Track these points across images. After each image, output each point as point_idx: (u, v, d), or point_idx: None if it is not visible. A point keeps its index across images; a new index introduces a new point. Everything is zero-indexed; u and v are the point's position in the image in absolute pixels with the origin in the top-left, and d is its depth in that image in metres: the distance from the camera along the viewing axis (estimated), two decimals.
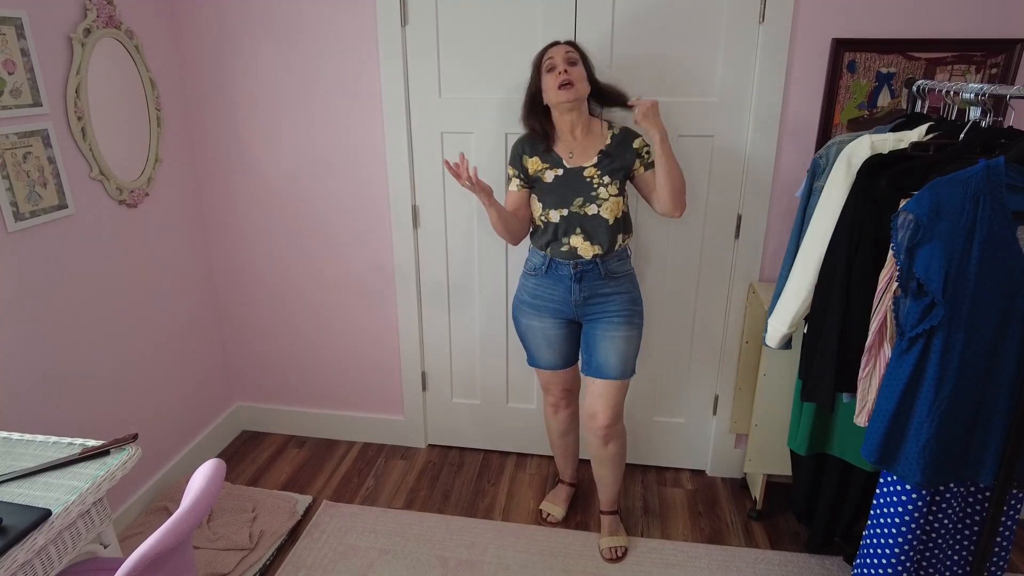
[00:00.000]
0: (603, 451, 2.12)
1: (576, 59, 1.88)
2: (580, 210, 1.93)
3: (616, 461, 2.15)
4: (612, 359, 2.00)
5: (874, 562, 1.61)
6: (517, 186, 2.02)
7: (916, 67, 2.05)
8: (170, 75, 2.42)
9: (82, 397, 2.11)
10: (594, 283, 1.98)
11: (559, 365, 2.15)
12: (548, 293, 2.03)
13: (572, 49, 1.91)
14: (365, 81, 2.36)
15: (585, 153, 1.95)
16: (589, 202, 1.93)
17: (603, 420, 2.04)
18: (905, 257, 1.42)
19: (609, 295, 2.00)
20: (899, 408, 1.47)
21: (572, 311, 2.03)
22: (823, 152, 1.88)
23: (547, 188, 1.96)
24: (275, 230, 2.63)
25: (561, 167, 1.95)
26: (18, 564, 1.16)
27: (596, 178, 1.93)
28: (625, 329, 2.00)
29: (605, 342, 2.00)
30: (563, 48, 1.90)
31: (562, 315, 2.05)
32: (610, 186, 1.93)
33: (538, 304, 2.06)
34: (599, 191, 1.92)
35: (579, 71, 1.87)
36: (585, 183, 1.93)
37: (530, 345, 2.15)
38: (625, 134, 1.97)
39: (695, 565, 2.16)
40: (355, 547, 2.24)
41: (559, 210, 1.94)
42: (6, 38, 1.78)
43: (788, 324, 1.91)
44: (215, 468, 1.29)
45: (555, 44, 1.93)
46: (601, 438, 2.08)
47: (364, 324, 2.70)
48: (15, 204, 1.83)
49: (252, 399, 2.94)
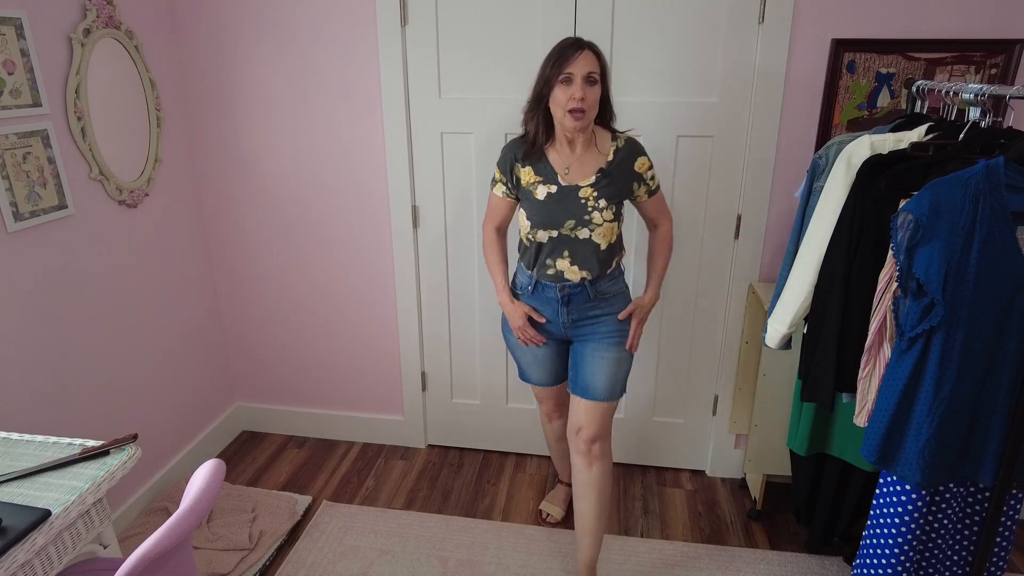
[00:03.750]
0: (587, 474, 1.93)
1: (597, 78, 1.67)
2: (571, 233, 1.79)
3: (601, 490, 1.94)
4: (599, 381, 1.89)
5: (874, 562, 1.61)
6: (503, 193, 1.89)
7: (916, 67, 2.05)
8: (170, 75, 2.42)
9: (82, 397, 2.11)
10: (583, 306, 1.87)
11: (550, 382, 2.09)
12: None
13: (596, 65, 1.66)
14: (365, 81, 2.36)
15: (582, 170, 1.78)
16: (581, 225, 1.78)
17: (587, 434, 1.91)
18: (905, 257, 1.42)
19: (599, 316, 1.89)
20: (899, 408, 1.47)
21: (561, 332, 1.94)
22: (823, 152, 1.88)
23: (537, 205, 1.80)
24: (275, 230, 2.63)
25: (555, 183, 1.78)
26: (18, 564, 1.16)
27: (592, 200, 1.76)
28: (615, 351, 1.89)
29: (594, 364, 1.89)
30: (586, 62, 1.65)
31: (551, 335, 1.97)
32: (605, 211, 1.77)
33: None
34: (593, 215, 1.77)
35: (595, 95, 1.67)
36: (579, 204, 1.77)
37: (520, 362, 2.09)
38: (629, 150, 1.80)
39: (695, 565, 2.16)
40: (355, 547, 2.24)
41: (548, 231, 1.80)
42: (6, 38, 1.78)
43: (788, 324, 1.91)
44: (215, 468, 1.29)
45: (578, 48, 1.65)
46: (584, 455, 1.93)
47: (364, 324, 2.70)
48: (15, 204, 1.83)
49: (252, 399, 2.93)
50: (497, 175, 1.89)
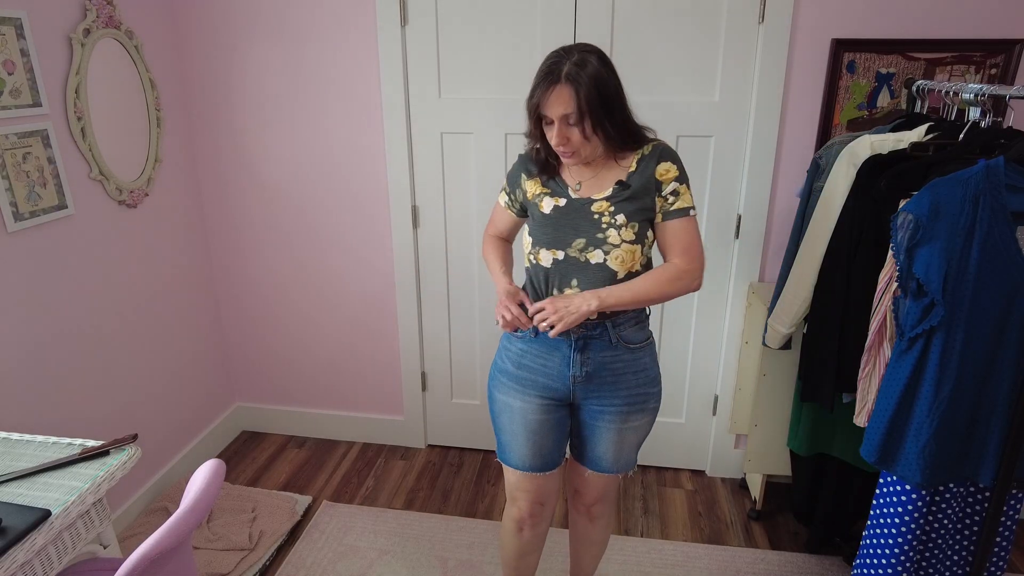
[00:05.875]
0: (589, 529, 1.70)
1: (575, 120, 1.33)
2: (580, 255, 1.43)
3: (600, 542, 1.77)
4: (611, 454, 1.55)
5: (874, 562, 1.61)
6: (505, 203, 1.61)
7: (916, 67, 2.05)
8: (170, 75, 2.42)
9: (82, 397, 2.11)
10: (602, 354, 1.47)
11: (536, 466, 1.57)
12: (538, 363, 1.51)
13: (572, 104, 1.31)
14: (365, 81, 2.36)
15: (599, 183, 1.44)
16: (593, 246, 1.41)
17: (590, 499, 1.66)
18: (905, 257, 1.42)
19: (621, 373, 1.48)
20: (899, 408, 1.47)
21: (567, 390, 1.50)
22: (823, 152, 1.89)
23: (542, 220, 1.46)
24: (275, 230, 2.63)
25: (564, 196, 1.46)
26: (18, 564, 1.16)
27: (607, 215, 1.41)
28: (637, 419, 1.52)
29: (608, 435, 1.53)
30: (559, 102, 1.32)
31: (553, 395, 1.51)
32: (624, 229, 1.40)
33: (523, 377, 1.52)
34: (608, 233, 1.41)
35: (577, 136, 1.35)
36: (591, 220, 1.42)
37: (503, 431, 1.58)
38: (655, 155, 1.43)
39: (695, 565, 2.16)
40: (355, 547, 2.24)
41: (552, 251, 1.44)
42: (6, 38, 1.78)
43: (788, 324, 1.91)
44: (215, 468, 1.29)
45: (550, 83, 1.32)
46: (586, 515, 1.70)
47: (364, 324, 2.70)
48: (15, 204, 1.83)
49: (252, 399, 2.93)
50: (505, 182, 1.61)
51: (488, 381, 1.62)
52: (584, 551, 1.80)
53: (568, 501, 1.77)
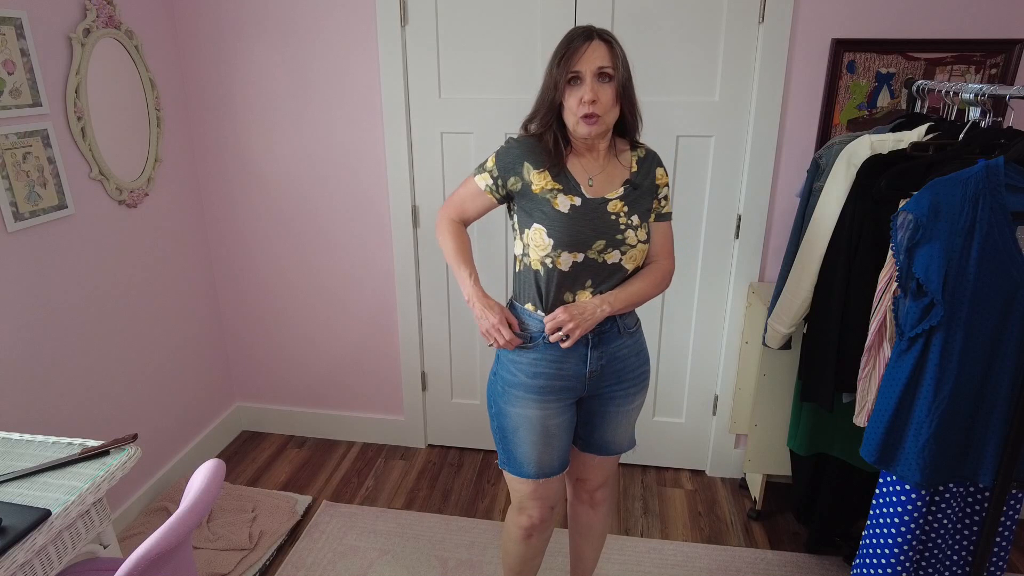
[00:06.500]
0: (591, 517, 1.75)
1: (611, 73, 1.36)
2: (599, 256, 1.44)
3: (602, 531, 1.80)
4: (620, 434, 1.62)
5: (873, 562, 1.61)
6: (487, 187, 1.50)
7: (915, 67, 2.05)
8: (170, 75, 2.42)
9: (82, 397, 2.11)
10: (612, 345, 1.51)
11: (555, 469, 1.59)
12: (555, 369, 1.49)
13: (608, 58, 1.35)
14: (365, 81, 2.36)
15: (609, 181, 1.46)
16: (612, 247, 1.44)
17: (594, 485, 1.71)
18: (904, 257, 1.42)
19: (626, 358, 1.55)
20: (898, 408, 1.47)
21: (582, 387, 1.53)
22: (823, 152, 1.89)
23: (561, 221, 1.42)
24: (275, 229, 2.63)
25: (579, 195, 1.44)
26: (17, 564, 1.16)
27: (623, 216, 1.44)
28: (640, 396, 1.61)
29: (617, 417, 1.59)
30: (596, 55, 1.35)
31: (570, 395, 1.54)
32: (639, 229, 1.46)
33: (540, 386, 1.50)
34: (627, 234, 1.44)
35: (609, 95, 1.37)
36: (610, 221, 1.44)
37: (522, 444, 1.54)
38: (652, 160, 1.52)
39: (695, 565, 2.16)
40: (355, 547, 2.24)
41: (573, 253, 1.42)
42: (6, 38, 1.78)
43: (788, 324, 1.91)
44: (215, 468, 1.29)
45: (586, 38, 1.35)
46: (588, 503, 1.74)
47: (364, 324, 2.70)
48: (15, 204, 1.83)
49: (252, 399, 2.93)
50: (490, 164, 1.50)
51: (493, 397, 1.57)
52: (586, 544, 1.82)
53: (569, 493, 1.79)
